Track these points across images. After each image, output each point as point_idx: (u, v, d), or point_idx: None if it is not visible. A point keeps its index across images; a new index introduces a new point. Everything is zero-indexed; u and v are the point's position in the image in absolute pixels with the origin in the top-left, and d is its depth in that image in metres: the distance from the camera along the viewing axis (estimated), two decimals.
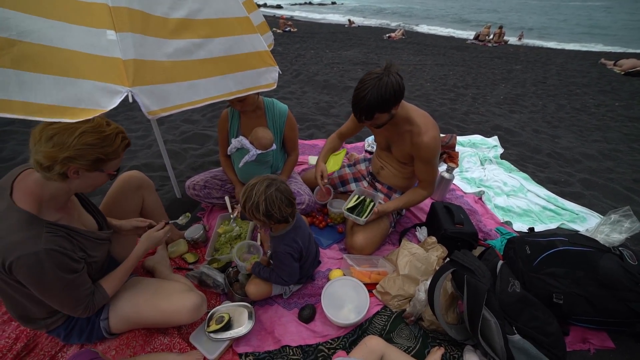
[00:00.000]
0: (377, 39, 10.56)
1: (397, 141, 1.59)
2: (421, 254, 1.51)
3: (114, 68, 0.96)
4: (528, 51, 9.68)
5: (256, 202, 1.12)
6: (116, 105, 0.96)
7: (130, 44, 0.99)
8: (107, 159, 0.93)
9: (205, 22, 1.19)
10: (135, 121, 3.52)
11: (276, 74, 1.41)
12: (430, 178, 1.61)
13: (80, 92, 0.91)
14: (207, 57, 1.19)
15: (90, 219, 1.15)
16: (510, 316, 1.13)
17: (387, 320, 1.37)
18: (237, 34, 1.28)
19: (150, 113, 1.04)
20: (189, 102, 1.16)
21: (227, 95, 1.27)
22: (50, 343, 1.22)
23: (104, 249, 1.12)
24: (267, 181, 1.15)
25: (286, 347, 1.25)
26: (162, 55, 1.08)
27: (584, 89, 5.58)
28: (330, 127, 3.36)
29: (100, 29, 0.96)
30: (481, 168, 2.77)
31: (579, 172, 2.77)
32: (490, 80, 6.04)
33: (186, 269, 1.60)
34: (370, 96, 1.26)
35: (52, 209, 0.95)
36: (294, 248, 1.27)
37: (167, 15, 1.11)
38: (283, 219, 1.19)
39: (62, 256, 0.90)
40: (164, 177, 2.36)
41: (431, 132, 1.46)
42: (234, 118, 1.78)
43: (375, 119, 1.36)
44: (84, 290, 0.99)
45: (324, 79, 5.35)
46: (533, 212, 2.18)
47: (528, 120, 4.02)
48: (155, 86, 1.05)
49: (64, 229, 0.95)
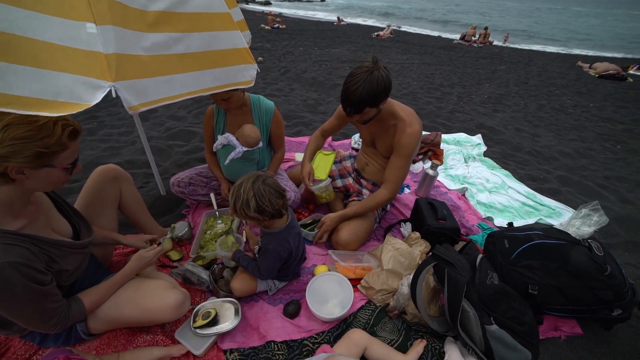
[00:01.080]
0: (365, 37, 10.61)
1: (382, 136, 1.61)
2: (405, 248, 1.54)
3: (95, 62, 0.93)
4: (512, 52, 9.96)
5: (246, 199, 1.11)
6: (98, 100, 0.93)
7: (111, 37, 0.96)
8: (50, 152, 0.82)
9: (185, 15, 1.17)
10: (119, 117, 3.42)
11: (254, 71, 1.41)
12: (397, 175, 1.56)
13: (59, 85, 0.87)
14: (186, 52, 1.17)
15: (65, 225, 1.07)
16: (489, 307, 1.17)
17: (371, 315, 1.39)
18: (217, 30, 1.26)
19: (131, 108, 1.02)
20: (167, 97, 1.14)
21: (204, 91, 1.26)
22: (24, 346, 1.18)
23: (78, 258, 1.03)
24: (253, 177, 1.15)
25: (271, 342, 1.25)
26: (140, 49, 1.06)
27: (563, 90, 5.80)
28: (317, 124, 3.36)
29: (79, 22, 0.92)
30: (465, 165, 2.84)
31: (556, 169, 2.89)
32: (476, 79, 6.19)
33: (170, 266, 1.58)
34: (362, 90, 1.25)
35: (9, 216, 0.87)
36: (284, 248, 1.27)
37: (146, 8, 1.09)
38: (276, 212, 1.18)
39: (25, 268, 0.81)
40: (148, 174, 2.31)
41: (415, 126, 1.48)
42: (219, 115, 1.76)
43: (365, 113, 1.35)
44: (53, 305, 0.92)
45: (312, 76, 5.34)
46: (513, 208, 2.26)
47: (510, 119, 4.15)
48: (134, 81, 1.03)
49: (27, 238, 0.86)
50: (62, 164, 0.87)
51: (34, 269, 0.83)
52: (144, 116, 3.48)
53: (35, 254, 0.86)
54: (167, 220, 1.92)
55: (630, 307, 1.23)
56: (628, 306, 1.22)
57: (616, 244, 1.95)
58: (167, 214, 1.99)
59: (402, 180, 1.59)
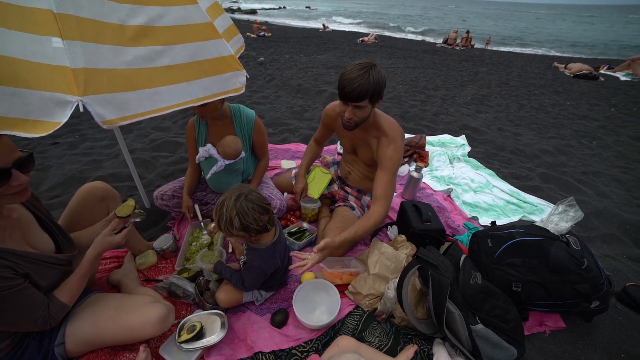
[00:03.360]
0: (350, 43, 10.77)
1: (363, 145, 1.62)
2: (390, 252, 1.55)
3: (62, 77, 0.92)
4: (492, 55, 10.28)
5: (229, 218, 1.09)
6: (67, 117, 0.92)
7: (79, 52, 0.95)
8: None
9: (166, 29, 1.17)
10: (100, 130, 3.37)
11: (244, 78, 1.41)
12: (387, 191, 1.51)
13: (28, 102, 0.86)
14: (171, 64, 1.17)
15: (46, 240, 1.06)
16: (473, 307, 1.19)
17: (359, 320, 1.39)
18: (200, 40, 1.26)
19: (104, 122, 1.00)
20: (154, 109, 1.13)
21: (194, 102, 1.25)
22: None
23: (55, 274, 1.02)
24: (235, 194, 1.12)
25: (259, 353, 1.23)
26: (120, 63, 1.05)
27: (541, 90, 6.00)
28: (303, 131, 3.38)
29: (44, 36, 0.91)
30: (450, 166, 2.89)
31: (538, 166, 2.97)
32: (459, 82, 6.34)
33: (155, 280, 1.54)
34: (368, 77, 1.24)
35: None
36: (270, 265, 1.26)
37: (125, 22, 1.08)
38: (262, 228, 1.16)
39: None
40: (132, 187, 2.27)
41: (398, 142, 1.49)
42: (200, 126, 1.75)
43: (361, 107, 1.32)
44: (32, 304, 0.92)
45: (298, 83, 5.38)
46: (498, 207, 2.30)
47: (493, 120, 4.26)
48: (112, 95, 1.02)
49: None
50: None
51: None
52: (128, 128, 3.43)
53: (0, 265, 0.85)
54: (152, 233, 1.88)
55: (607, 299, 1.27)
56: (605, 297, 1.26)
57: (594, 237, 2.01)
58: (152, 226, 1.95)
59: (391, 194, 1.53)
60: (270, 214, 1.20)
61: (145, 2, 1.18)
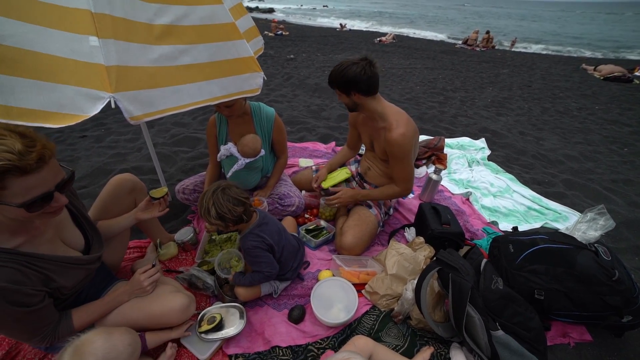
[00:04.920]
0: (368, 43, 10.70)
1: (377, 138, 1.65)
2: (409, 253, 1.54)
3: (96, 74, 0.96)
4: (514, 56, 9.96)
5: (206, 207, 1.19)
6: (98, 111, 0.96)
7: (113, 50, 1.00)
8: None
9: (190, 28, 1.20)
10: (125, 124, 3.49)
11: (261, 79, 1.43)
12: (402, 176, 1.62)
13: (62, 97, 0.91)
14: (192, 63, 1.21)
15: (78, 236, 1.06)
16: (494, 312, 1.17)
17: (376, 320, 1.39)
18: (222, 40, 1.29)
19: (132, 118, 1.04)
20: (174, 107, 1.17)
21: (211, 100, 1.29)
22: (33, 350, 1.20)
23: (80, 274, 1.02)
24: (214, 187, 1.21)
25: (276, 347, 1.26)
26: (147, 61, 1.09)
27: (567, 93, 5.78)
28: (321, 130, 3.39)
29: (82, 35, 0.96)
30: (469, 169, 2.83)
31: (561, 172, 2.86)
32: (478, 83, 6.19)
33: (176, 271, 1.59)
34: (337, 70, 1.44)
35: (7, 232, 0.85)
36: (258, 241, 1.30)
37: (152, 22, 1.12)
38: (237, 219, 1.23)
39: (10, 292, 0.79)
40: (154, 181, 2.34)
41: (401, 129, 1.49)
42: (221, 124, 1.79)
43: (339, 94, 1.52)
44: (40, 323, 0.90)
45: (315, 82, 5.39)
46: (518, 212, 2.24)
47: (514, 123, 4.14)
48: (139, 92, 1.06)
49: (21, 257, 0.84)
50: (11, 202, 0.75)
51: (20, 292, 0.82)
52: (150, 123, 3.54)
53: (27, 275, 0.84)
54: (173, 226, 1.94)
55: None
56: (638, 313, 1.20)
57: (625, 249, 1.92)
58: (173, 219, 2.01)
59: (408, 178, 1.63)
60: (246, 207, 1.26)
61: (173, 1, 1.21)
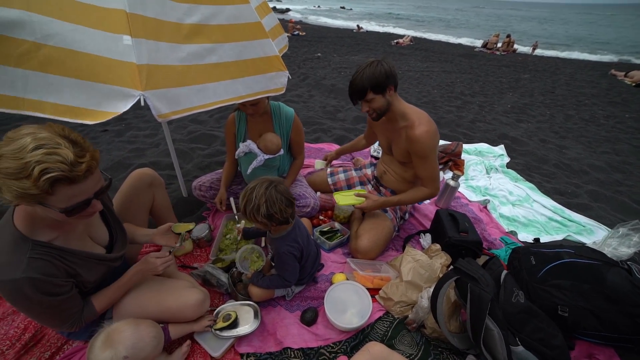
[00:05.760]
0: (384, 45, 10.61)
1: (396, 139, 1.62)
2: (425, 260, 1.51)
3: (128, 72, 0.99)
4: (537, 60, 9.65)
5: (257, 204, 1.12)
6: (128, 108, 0.98)
7: (144, 49, 1.02)
8: (29, 194, 0.72)
9: (218, 27, 1.22)
10: (144, 119, 3.58)
11: (285, 78, 1.43)
12: (429, 174, 1.58)
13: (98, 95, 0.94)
14: (219, 62, 1.22)
15: (104, 233, 1.10)
16: (514, 327, 1.12)
17: (389, 326, 1.37)
18: (248, 39, 1.30)
19: (160, 116, 1.06)
20: (200, 105, 1.18)
21: (236, 99, 1.29)
22: (56, 335, 1.24)
23: (102, 270, 1.05)
24: (266, 183, 1.16)
25: (288, 349, 1.25)
26: (175, 60, 1.11)
27: (593, 100, 5.54)
28: (336, 132, 3.37)
29: (117, 34, 0.99)
30: (487, 176, 2.76)
31: (586, 183, 2.74)
32: (498, 88, 6.03)
33: (190, 267, 1.61)
34: (363, 75, 1.38)
35: (46, 227, 0.88)
36: (295, 247, 1.29)
37: (181, 21, 1.14)
38: (284, 220, 1.19)
39: (42, 283, 0.83)
40: (171, 176, 2.39)
41: (424, 126, 1.47)
42: (240, 122, 1.80)
43: (370, 100, 1.44)
44: (68, 311, 0.95)
45: (332, 83, 5.38)
46: (538, 223, 2.16)
47: (535, 130, 4.00)
48: (167, 90, 1.08)
49: (55, 250, 0.88)
50: (54, 206, 0.77)
51: (51, 283, 0.86)
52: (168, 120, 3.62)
53: (58, 268, 0.88)
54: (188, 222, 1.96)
55: None
56: None
57: None
58: (189, 215, 2.04)
59: (435, 176, 1.60)
60: (294, 209, 1.23)
61: (202, 0, 1.23)
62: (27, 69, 0.94)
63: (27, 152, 0.70)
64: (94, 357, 0.87)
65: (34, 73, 0.94)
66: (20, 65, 0.94)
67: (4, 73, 0.95)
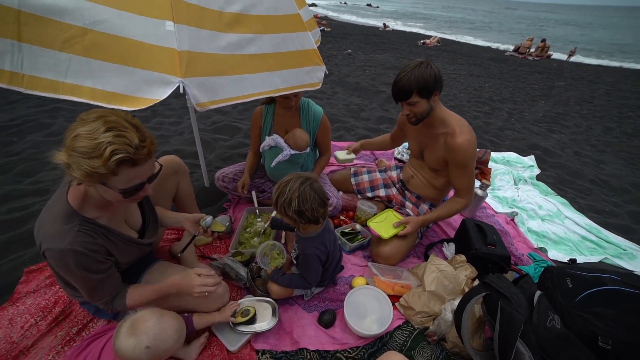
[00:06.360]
0: (410, 45, 10.36)
1: (431, 145, 1.56)
2: (450, 271, 1.45)
3: (169, 58, 0.98)
4: (573, 67, 9.14)
5: (289, 198, 1.10)
6: (167, 95, 0.98)
7: (185, 35, 1.01)
8: (97, 173, 0.76)
9: (257, 17, 1.20)
10: (170, 107, 3.64)
11: (322, 73, 1.40)
12: (466, 184, 1.53)
13: (138, 81, 0.94)
14: (257, 53, 1.20)
15: (138, 219, 1.13)
16: (548, 354, 1.05)
17: (409, 336, 1.32)
18: (287, 32, 1.28)
19: (198, 105, 1.05)
20: (237, 96, 1.16)
21: (273, 92, 1.27)
22: (83, 312, 1.28)
23: (134, 253, 1.09)
24: (302, 179, 1.13)
25: (304, 349, 1.23)
26: (215, 48, 1.09)
27: (639, 112, 5.17)
28: (359, 131, 3.32)
29: (160, 20, 0.98)
30: (514, 188, 2.63)
31: (627, 203, 2.56)
32: (529, 95, 5.76)
33: (210, 257, 1.62)
34: (411, 76, 1.31)
35: (94, 206, 0.93)
36: (322, 251, 1.25)
37: (223, 9, 1.13)
38: (314, 219, 1.16)
39: (85, 257, 0.88)
40: (194, 165, 2.41)
41: (466, 135, 1.42)
42: (267, 115, 1.79)
43: (414, 103, 1.37)
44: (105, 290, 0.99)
45: (356, 81, 5.30)
46: (571, 241, 2.04)
47: (569, 142, 3.78)
48: (205, 78, 1.06)
49: (99, 228, 0.93)
50: (115, 187, 0.82)
51: (92, 259, 0.90)
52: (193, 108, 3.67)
53: (100, 245, 0.93)
54: (209, 212, 1.98)
55: None
56: None
57: None
58: (210, 205, 2.06)
59: (471, 187, 1.57)
60: (326, 209, 1.20)
61: None
62: (72, 53, 0.95)
63: (100, 133, 0.75)
64: (120, 343, 0.88)
65: (77, 57, 0.96)
66: (64, 49, 0.95)
67: (48, 56, 0.96)
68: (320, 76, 1.40)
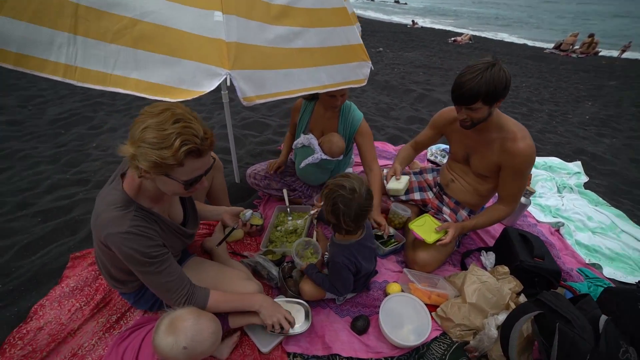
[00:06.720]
0: (440, 42, 9.97)
1: (482, 150, 1.44)
2: (492, 283, 1.34)
3: (216, 50, 0.97)
4: (627, 65, 8.35)
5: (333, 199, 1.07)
6: (214, 87, 0.97)
7: (234, 26, 0.99)
8: (166, 164, 0.78)
9: (304, 10, 1.16)
10: (200, 102, 3.71)
11: (368, 69, 1.34)
12: (515, 192, 1.43)
13: (183, 72, 0.93)
14: (304, 47, 1.16)
15: (179, 212, 1.14)
16: None
17: (447, 350, 1.24)
18: (333, 26, 1.23)
19: (245, 99, 1.02)
20: (284, 91, 1.13)
21: (319, 88, 1.23)
22: (121, 301, 1.32)
23: (179, 243, 1.11)
24: (363, 188, 1.08)
25: (336, 356, 1.19)
26: (264, 41, 1.07)
27: None
28: (389, 130, 3.21)
29: (208, 11, 0.97)
30: (558, 196, 2.43)
31: None
32: (573, 96, 5.33)
33: (241, 255, 1.62)
34: (479, 79, 1.16)
35: (147, 198, 0.96)
36: (351, 262, 1.20)
37: (271, 1, 1.10)
38: (351, 230, 1.13)
39: (144, 238, 0.89)
40: (225, 161, 2.43)
41: (528, 140, 1.31)
42: (305, 111, 1.75)
43: (475, 109, 1.24)
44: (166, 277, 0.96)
45: (385, 79, 5.17)
46: (630, 259, 1.84)
47: (623, 147, 3.45)
48: (253, 71, 1.04)
49: (153, 215, 0.96)
50: (180, 178, 0.84)
51: (151, 239, 0.91)
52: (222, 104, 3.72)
53: (155, 231, 0.95)
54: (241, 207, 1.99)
55: None
56: None
57: None
58: (240, 201, 2.06)
59: (519, 195, 1.46)
60: (360, 225, 1.16)
61: None
62: (121, 44, 0.97)
63: (170, 125, 0.77)
64: (159, 339, 0.89)
65: (125, 49, 0.97)
66: (115, 41, 0.97)
67: (99, 49, 0.98)
68: (366, 72, 1.35)
